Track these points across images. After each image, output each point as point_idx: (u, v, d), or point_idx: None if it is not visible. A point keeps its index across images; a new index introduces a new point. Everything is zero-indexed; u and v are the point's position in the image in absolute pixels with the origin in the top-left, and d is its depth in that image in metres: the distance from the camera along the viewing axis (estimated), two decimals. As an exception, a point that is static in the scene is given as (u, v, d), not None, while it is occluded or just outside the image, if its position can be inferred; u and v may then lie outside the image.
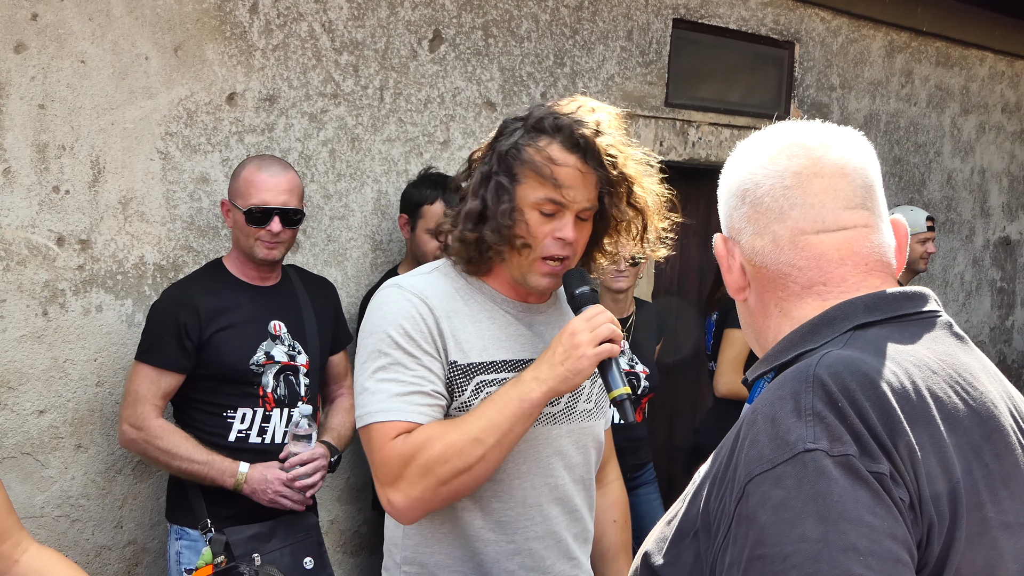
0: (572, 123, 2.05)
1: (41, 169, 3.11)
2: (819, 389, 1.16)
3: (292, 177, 3.12)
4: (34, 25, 3.06)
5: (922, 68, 6.21)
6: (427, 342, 2.06)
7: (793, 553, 1.08)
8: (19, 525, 2.01)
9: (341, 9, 3.72)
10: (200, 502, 3.05)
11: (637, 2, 4.68)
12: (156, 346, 3.03)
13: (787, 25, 5.38)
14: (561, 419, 2.17)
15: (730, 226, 1.43)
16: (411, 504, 2.01)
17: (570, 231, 2.04)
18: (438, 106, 4.05)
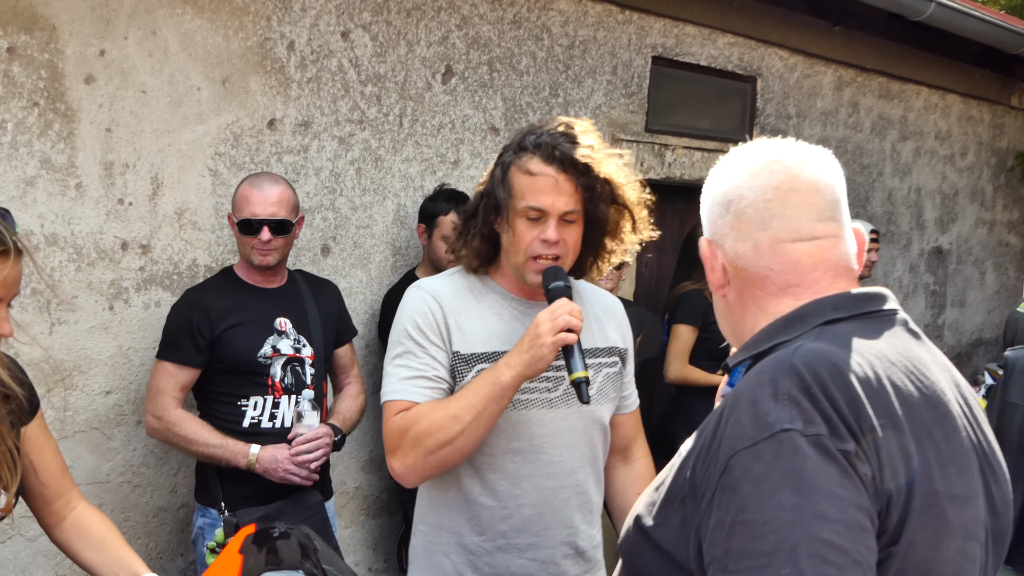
0: (549, 139, 2.07)
1: (108, 184, 3.11)
2: (794, 376, 1.17)
3: (282, 191, 3.03)
4: (102, 60, 3.06)
5: (866, 100, 6.22)
6: (435, 334, 2.12)
7: (771, 519, 1.09)
8: (71, 486, 2.04)
9: (366, 47, 3.73)
10: (217, 484, 3.01)
11: (621, 41, 4.69)
12: (173, 344, 3.00)
13: (750, 62, 5.39)
14: (559, 403, 2.17)
15: (714, 231, 1.42)
16: (406, 470, 2.07)
17: (552, 233, 2.05)
18: (449, 131, 4.05)
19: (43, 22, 2.93)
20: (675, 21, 4.93)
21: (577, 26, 4.48)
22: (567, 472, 2.18)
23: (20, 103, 2.91)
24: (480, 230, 2.15)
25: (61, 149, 3.00)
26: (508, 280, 2.20)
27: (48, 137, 2.97)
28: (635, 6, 4.69)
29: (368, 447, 3.91)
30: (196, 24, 3.25)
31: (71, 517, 2.02)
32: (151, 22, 3.14)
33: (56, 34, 2.95)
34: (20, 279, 1.76)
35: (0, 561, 2.96)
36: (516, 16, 4.22)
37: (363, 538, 3.98)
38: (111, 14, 3.06)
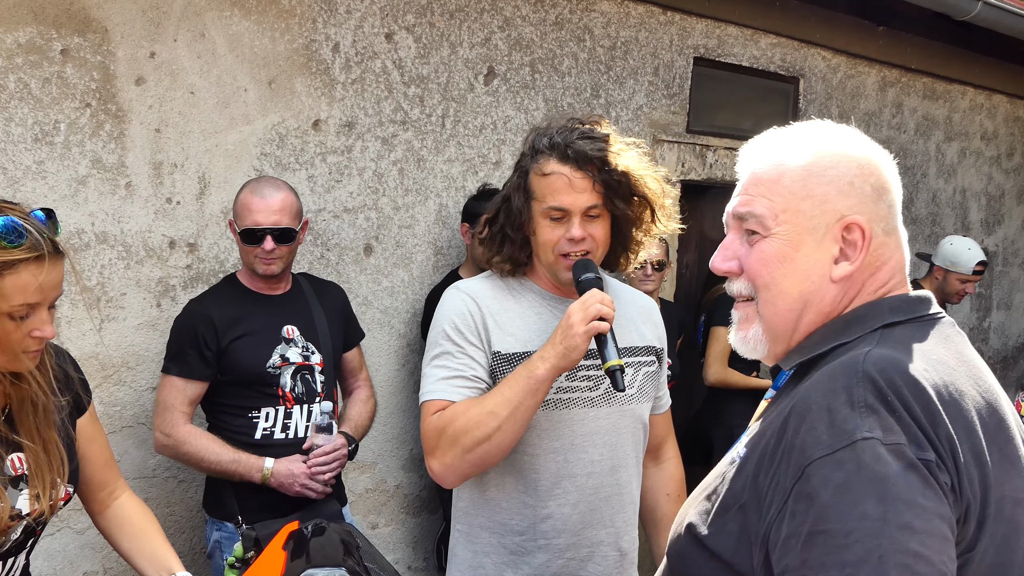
0: (560, 138, 2.07)
1: (157, 183, 3.15)
2: (869, 384, 1.15)
3: (284, 197, 2.94)
4: (152, 62, 3.10)
5: (911, 100, 6.13)
6: (473, 334, 2.12)
7: (855, 529, 1.07)
8: (117, 477, 2.12)
9: (409, 49, 3.74)
10: (231, 497, 2.94)
11: (663, 42, 4.67)
12: (179, 357, 2.92)
13: (793, 63, 5.33)
14: (600, 402, 2.16)
15: (861, 213, 1.30)
16: (445, 469, 2.06)
17: (576, 230, 2.06)
18: (491, 132, 4.06)
19: (96, 25, 2.97)
20: (717, 22, 4.89)
21: (619, 27, 4.46)
22: (608, 471, 2.17)
23: (73, 104, 2.95)
24: (508, 235, 2.16)
25: (112, 149, 3.04)
26: (544, 279, 2.21)
27: (99, 137, 3.01)
28: (677, 7, 4.66)
29: (409, 446, 3.92)
30: (243, 26, 3.28)
31: (114, 506, 2.10)
32: (200, 24, 3.18)
33: (108, 36, 3.00)
34: (60, 282, 1.76)
35: (49, 552, 3.01)
36: (558, 17, 4.21)
37: (403, 536, 4.00)
38: (161, 16, 3.09)
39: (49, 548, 3.02)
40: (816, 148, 1.34)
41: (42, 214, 1.75)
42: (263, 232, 2.90)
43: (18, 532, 1.83)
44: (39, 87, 2.89)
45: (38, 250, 1.67)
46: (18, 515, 1.81)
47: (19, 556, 1.89)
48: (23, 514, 1.82)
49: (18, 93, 2.86)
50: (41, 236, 1.69)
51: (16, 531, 1.82)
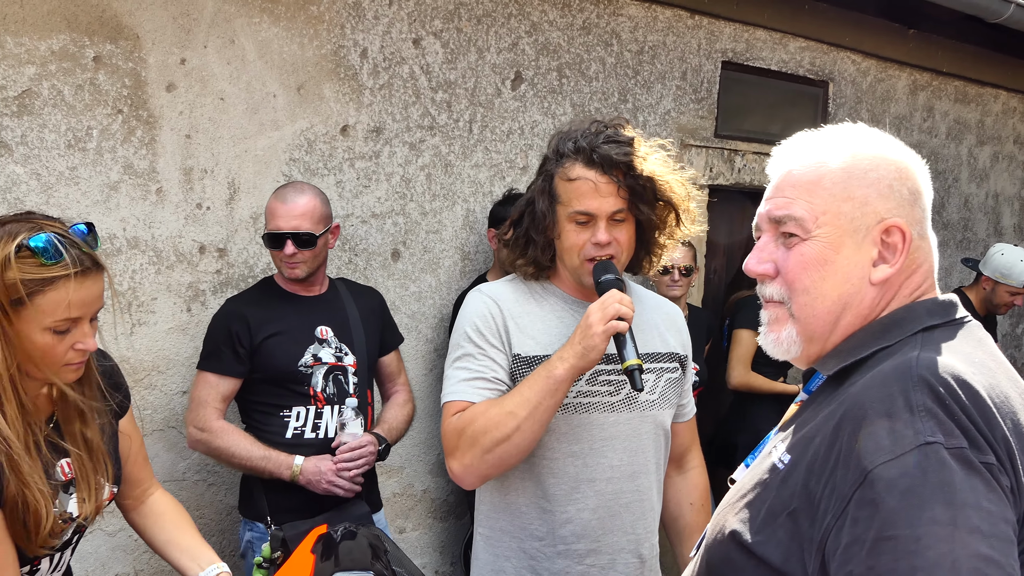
0: (586, 142, 2.07)
1: (187, 189, 3.18)
2: (926, 388, 1.14)
3: (307, 202, 2.96)
4: (182, 68, 3.13)
5: (942, 104, 6.07)
6: (494, 336, 2.13)
7: (925, 535, 1.06)
8: (151, 475, 2.20)
9: (437, 54, 3.76)
10: (262, 497, 2.96)
11: (691, 47, 4.65)
12: (213, 355, 2.97)
13: (822, 66, 5.30)
14: (620, 407, 2.15)
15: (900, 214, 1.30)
16: (465, 470, 2.06)
17: (602, 235, 2.06)
18: (519, 137, 4.06)
19: (127, 32, 3.00)
20: (745, 26, 4.87)
21: (647, 31, 4.45)
22: (628, 477, 2.16)
23: (105, 110, 2.98)
24: (532, 238, 2.16)
25: (143, 155, 3.07)
26: (566, 283, 2.20)
27: (131, 143, 3.04)
28: (705, 11, 4.65)
29: (435, 450, 3.92)
30: (272, 32, 3.30)
31: (149, 502, 2.16)
32: (229, 31, 3.21)
33: (139, 43, 3.03)
34: (101, 295, 1.80)
35: (81, 554, 3.04)
36: (585, 22, 4.21)
37: (430, 541, 4.00)
38: (192, 23, 3.12)
39: (81, 550, 3.04)
40: (854, 150, 1.33)
41: (84, 228, 1.78)
42: (284, 236, 2.93)
43: (69, 533, 1.90)
44: (72, 94, 2.93)
45: (77, 266, 1.71)
46: (69, 518, 1.87)
47: (66, 552, 1.96)
48: (73, 516, 1.88)
49: (51, 100, 2.89)
50: (81, 252, 1.73)
51: (67, 532, 1.89)
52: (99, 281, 1.77)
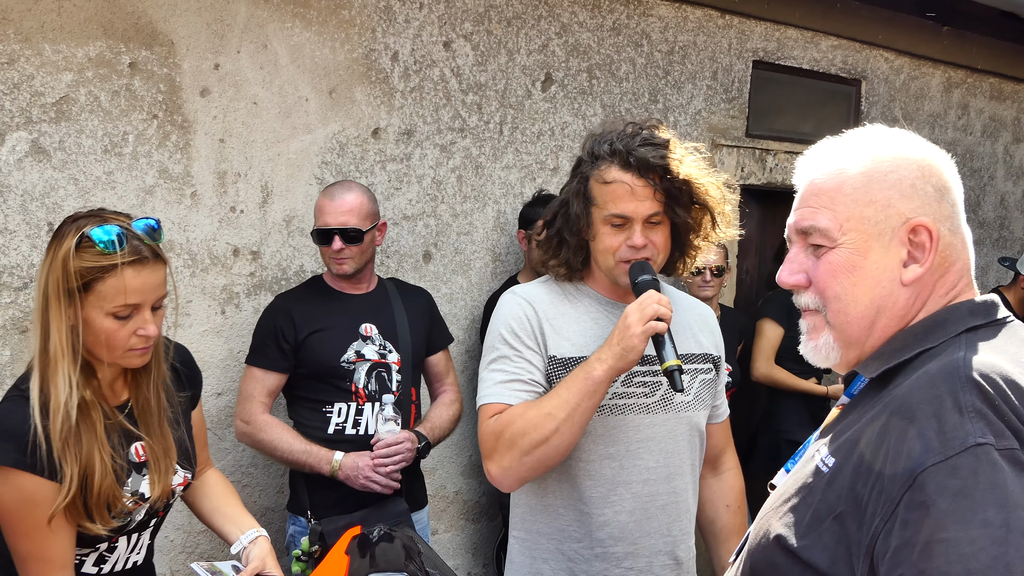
0: (622, 145, 2.06)
1: (221, 192, 3.21)
2: (975, 388, 1.13)
3: (354, 198, 3.02)
4: (216, 73, 3.16)
5: (977, 101, 6.00)
6: (530, 339, 2.12)
7: (979, 537, 1.05)
8: (207, 459, 2.35)
9: (467, 56, 3.77)
10: (305, 492, 3.03)
11: (721, 46, 4.63)
12: (259, 350, 3.04)
13: (854, 65, 5.26)
14: (656, 409, 2.14)
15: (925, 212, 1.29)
16: (503, 473, 2.05)
17: (638, 238, 2.05)
18: (549, 138, 4.06)
19: (162, 38, 3.04)
20: (776, 25, 4.84)
21: (677, 31, 4.44)
22: (664, 478, 2.15)
23: (140, 116, 3.02)
24: (565, 239, 2.15)
25: (178, 159, 3.10)
26: (601, 284, 2.20)
27: (166, 148, 3.08)
28: (736, 10, 4.63)
29: (468, 452, 3.93)
30: (305, 37, 3.33)
31: (201, 478, 2.30)
32: (262, 36, 3.23)
33: (174, 49, 3.06)
34: (160, 284, 1.91)
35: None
36: (615, 23, 4.21)
37: (462, 542, 4.01)
38: (225, 29, 3.16)
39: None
40: (874, 153, 1.32)
41: (148, 222, 1.91)
42: (331, 232, 2.99)
43: (142, 513, 2.02)
44: (108, 99, 2.96)
45: (134, 255, 1.84)
46: (141, 497, 2.00)
47: (143, 534, 2.09)
48: (145, 497, 2.01)
49: (88, 106, 2.93)
50: (139, 243, 1.86)
51: (140, 512, 2.01)
52: (157, 271, 1.89)
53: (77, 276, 1.82)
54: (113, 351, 1.90)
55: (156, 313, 1.92)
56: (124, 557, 2.07)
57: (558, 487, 2.14)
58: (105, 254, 1.82)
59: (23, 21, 2.81)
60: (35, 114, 2.85)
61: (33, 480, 1.83)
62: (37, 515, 1.84)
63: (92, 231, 1.83)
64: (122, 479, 1.95)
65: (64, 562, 1.89)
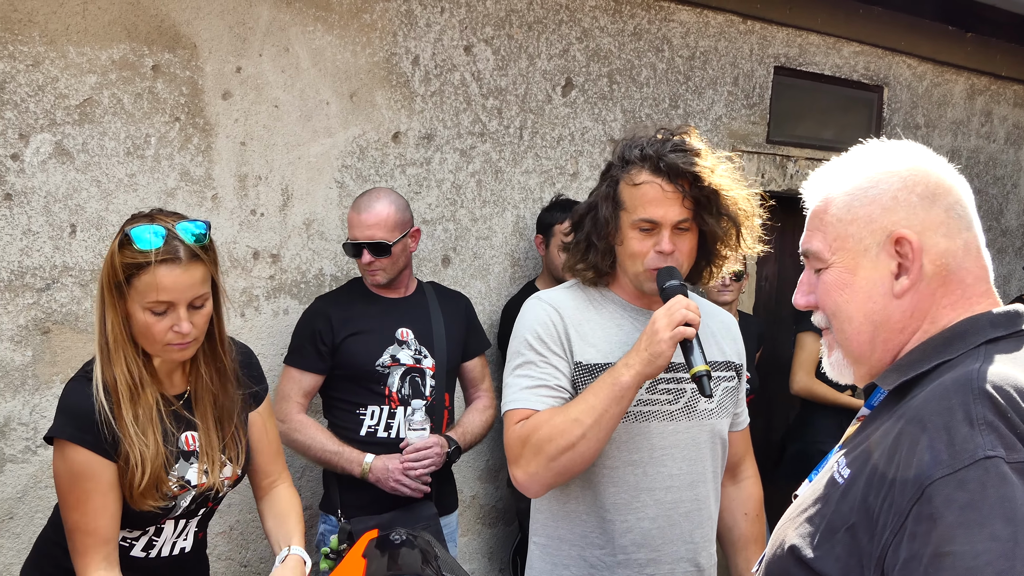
0: (653, 150, 2.05)
1: (242, 195, 3.23)
2: (986, 400, 1.12)
3: (380, 211, 3.04)
4: (238, 77, 3.18)
5: (1000, 108, 5.96)
6: (556, 344, 2.11)
7: (985, 551, 1.04)
8: (281, 469, 2.40)
9: (488, 61, 3.77)
10: (336, 492, 3.09)
11: (742, 52, 4.62)
12: (297, 351, 3.10)
13: (876, 71, 5.23)
14: (679, 416, 2.14)
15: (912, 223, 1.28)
16: (529, 479, 2.04)
17: (666, 244, 2.04)
18: (569, 143, 4.06)
19: (185, 41, 3.06)
20: (798, 31, 4.82)
21: (698, 37, 4.43)
22: (687, 486, 2.15)
23: (163, 118, 3.04)
24: (593, 243, 2.15)
25: (199, 162, 3.12)
26: (626, 290, 2.19)
27: (188, 151, 3.10)
28: (757, 16, 4.61)
29: (485, 456, 3.93)
30: (326, 40, 3.34)
31: (272, 493, 2.37)
32: (284, 39, 3.25)
33: (197, 52, 3.08)
34: (195, 284, 1.97)
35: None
36: (636, 28, 4.20)
37: (479, 547, 4.01)
38: (247, 32, 3.17)
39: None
40: (859, 171, 1.34)
41: (193, 225, 1.99)
42: (359, 246, 3.04)
43: (187, 500, 2.11)
44: (131, 102, 2.99)
45: (169, 254, 1.92)
46: (186, 484, 2.09)
47: (190, 522, 2.19)
48: (191, 484, 2.10)
49: (111, 108, 2.95)
50: (180, 243, 1.94)
51: (185, 498, 2.10)
52: (192, 271, 1.95)
53: (121, 271, 1.93)
54: (153, 344, 2.00)
55: (196, 312, 2.00)
56: (171, 542, 2.18)
57: (581, 493, 2.14)
58: (141, 252, 1.91)
59: (48, 24, 2.83)
60: (59, 116, 2.88)
61: (87, 455, 1.95)
62: (88, 489, 1.96)
63: (133, 230, 1.93)
64: (170, 463, 2.05)
65: (108, 537, 1.99)
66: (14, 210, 2.84)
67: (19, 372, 2.88)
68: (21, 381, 2.89)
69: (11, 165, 2.83)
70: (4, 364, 2.86)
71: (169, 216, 2.00)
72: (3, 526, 2.90)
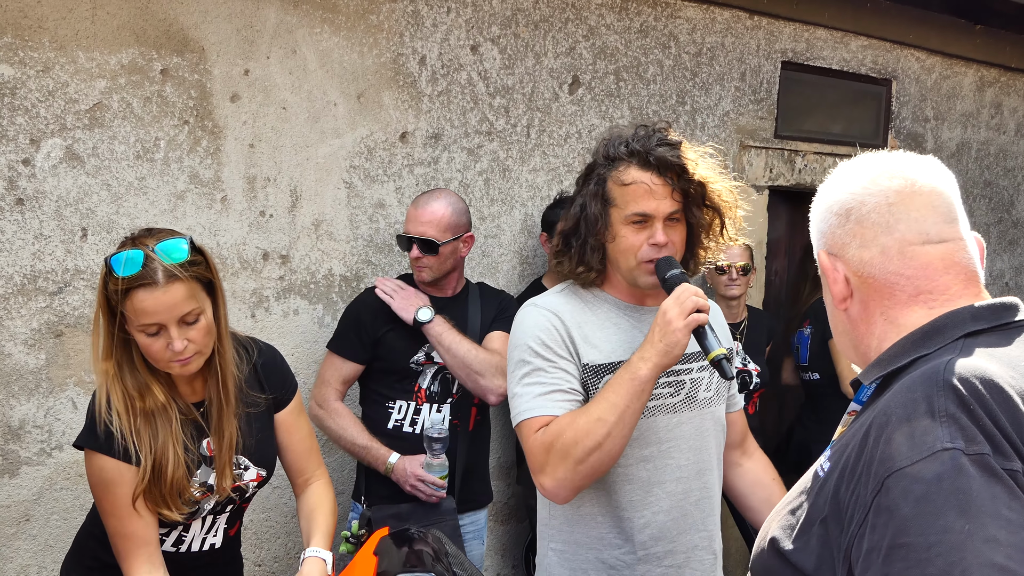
0: (639, 145, 2.08)
1: (251, 197, 3.25)
2: (951, 393, 1.13)
3: (435, 209, 3.12)
4: (246, 79, 3.20)
5: (1011, 100, 5.93)
6: (561, 348, 2.11)
7: (937, 543, 1.04)
8: (317, 466, 2.45)
9: (495, 60, 3.78)
10: (363, 480, 3.18)
11: (749, 47, 4.62)
12: (342, 337, 3.17)
13: (885, 65, 5.22)
14: (681, 408, 2.16)
15: (832, 242, 1.38)
16: (558, 485, 2.03)
17: (660, 235, 2.06)
18: (576, 141, 4.07)
19: (193, 44, 3.08)
20: (806, 25, 4.82)
21: (704, 33, 4.43)
22: (695, 475, 2.18)
23: (172, 121, 3.07)
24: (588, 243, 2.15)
25: (208, 164, 3.14)
26: (618, 288, 2.20)
27: (197, 153, 3.12)
28: (764, 11, 4.61)
29: (496, 454, 3.95)
30: (333, 42, 3.36)
31: (307, 491, 2.42)
32: (291, 41, 3.27)
33: (205, 55, 3.11)
34: (178, 303, 1.98)
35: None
36: (643, 25, 4.21)
37: (491, 544, 4.02)
38: (255, 35, 3.19)
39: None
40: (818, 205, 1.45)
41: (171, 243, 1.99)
42: (411, 240, 3.11)
43: (211, 503, 2.19)
44: (140, 106, 3.01)
45: (146, 279, 1.94)
46: (209, 488, 2.17)
47: (219, 518, 2.27)
48: (212, 488, 2.17)
49: (121, 112, 2.98)
50: (158, 265, 1.95)
51: (209, 502, 2.18)
52: (172, 291, 1.96)
53: (110, 299, 1.98)
54: (157, 362, 2.05)
55: (190, 327, 2.01)
56: (200, 537, 2.26)
57: (595, 495, 2.14)
58: (120, 279, 1.94)
59: (58, 29, 2.86)
60: (69, 121, 2.90)
61: (112, 463, 2.03)
62: (119, 495, 2.04)
63: (112, 258, 1.96)
64: (192, 470, 2.12)
65: (147, 539, 2.07)
66: (26, 215, 2.87)
67: (33, 375, 2.92)
68: (35, 384, 2.92)
69: (22, 170, 2.86)
70: (18, 367, 2.90)
71: (154, 236, 2.02)
72: (20, 528, 2.94)
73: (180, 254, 1.99)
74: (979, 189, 5.75)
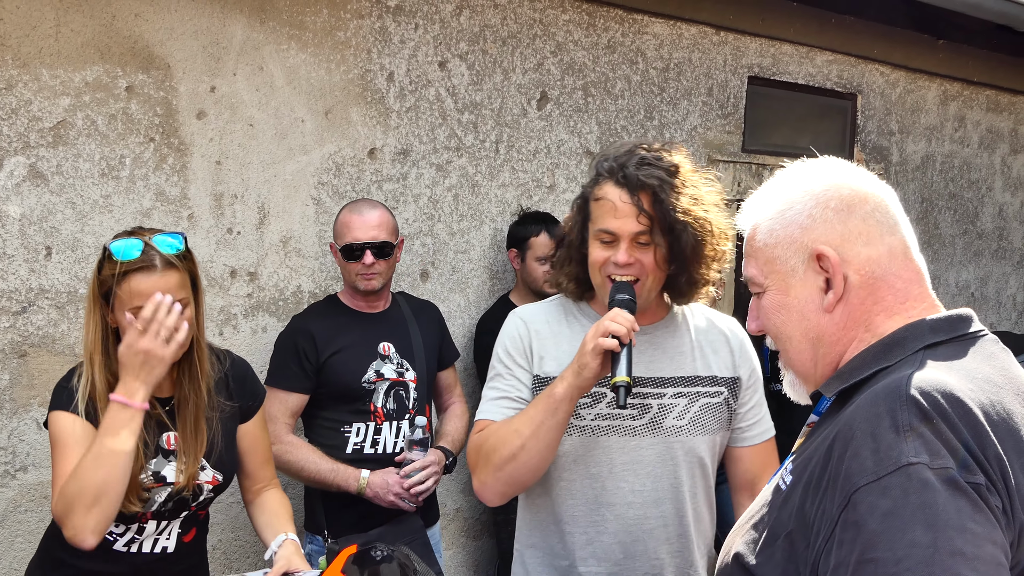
0: (616, 163, 2.06)
1: (218, 214, 3.23)
2: (913, 407, 1.13)
3: (381, 214, 3.09)
4: (212, 96, 3.19)
5: (973, 113, 6.02)
6: (520, 357, 2.17)
7: (905, 558, 1.05)
8: (271, 476, 2.54)
9: (463, 76, 3.79)
10: (322, 511, 3.06)
11: (716, 63, 4.66)
12: (281, 370, 3.06)
13: (850, 79, 5.28)
14: (643, 432, 2.11)
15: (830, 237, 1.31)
16: (482, 487, 2.11)
17: (622, 255, 2.02)
18: (545, 156, 4.08)
19: (159, 61, 3.06)
20: (772, 40, 4.87)
21: (672, 48, 4.46)
22: (652, 503, 2.11)
23: (137, 139, 3.04)
24: (573, 256, 2.16)
25: (175, 182, 3.12)
26: (600, 304, 2.19)
27: (163, 171, 3.10)
28: (730, 27, 4.65)
29: (468, 469, 3.93)
30: (300, 59, 3.35)
31: (263, 495, 2.50)
32: (258, 58, 3.26)
33: (171, 72, 3.09)
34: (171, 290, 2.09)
35: None
36: (610, 41, 4.23)
37: (464, 560, 4.01)
38: (221, 52, 3.18)
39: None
40: (779, 195, 1.38)
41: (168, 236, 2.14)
42: (362, 247, 3.03)
43: (163, 495, 2.22)
44: (105, 123, 2.99)
45: (145, 263, 2.08)
46: (162, 479, 2.21)
47: (172, 522, 2.30)
48: (167, 481, 2.22)
49: (86, 130, 2.96)
50: (155, 252, 2.10)
51: (160, 494, 2.22)
52: (167, 277, 2.10)
53: (104, 284, 2.11)
54: None
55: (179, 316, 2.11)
56: (152, 539, 2.29)
57: (543, 503, 2.17)
58: (120, 262, 2.07)
59: (21, 47, 2.84)
60: (33, 139, 2.88)
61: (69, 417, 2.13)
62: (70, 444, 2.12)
63: (112, 244, 2.10)
64: (146, 458, 2.19)
65: None
66: (-11, 233, 2.84)
67: (-4, 395, 2.88)
68: (-2, 404, 2.88)
69: (-15, 188, 2.82)
70: (-19, 388, 2.86)
71: (148, 231, 2.16)
72: (-18, 550, 2.89)
73: (176, 246, 2.14)
74: (944, 201, 5.82)
